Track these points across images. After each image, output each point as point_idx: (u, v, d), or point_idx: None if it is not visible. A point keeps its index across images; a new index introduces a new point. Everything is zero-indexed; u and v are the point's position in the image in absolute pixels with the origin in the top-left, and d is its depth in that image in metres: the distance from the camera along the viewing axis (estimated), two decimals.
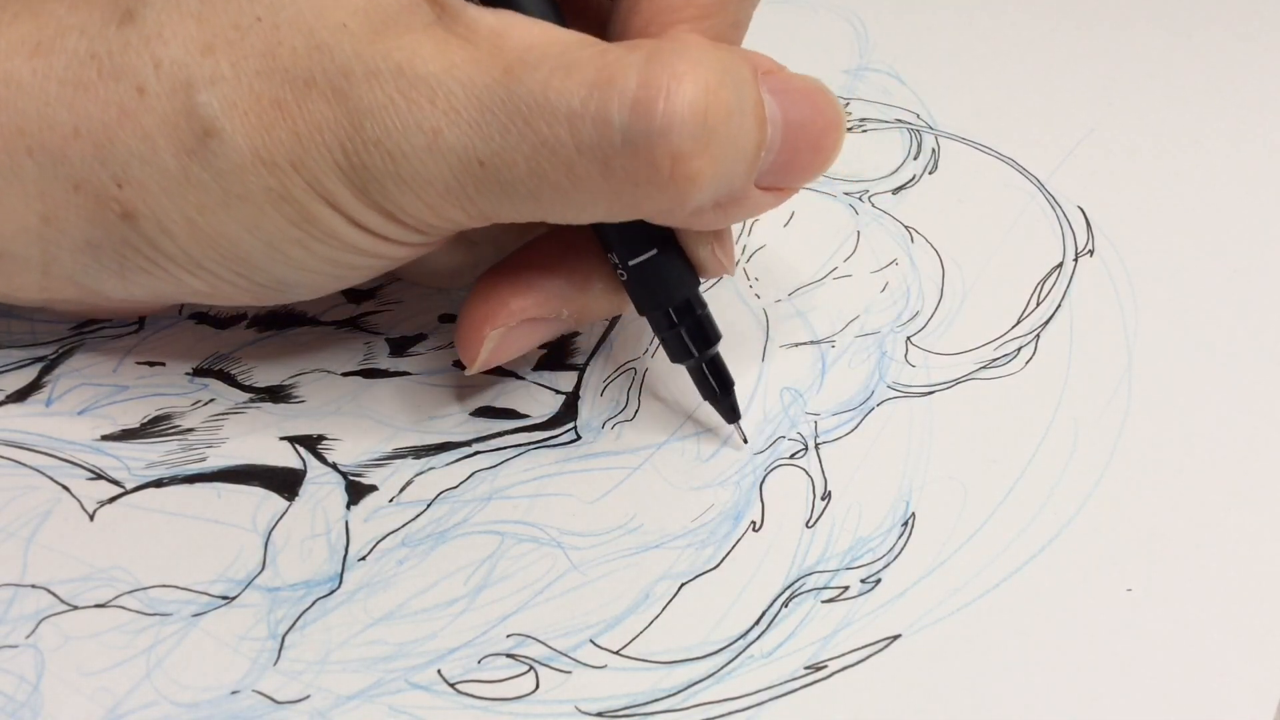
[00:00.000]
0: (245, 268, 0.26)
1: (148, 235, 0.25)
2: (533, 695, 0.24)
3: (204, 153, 0.24)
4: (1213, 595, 0.25)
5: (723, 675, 0.24)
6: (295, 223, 0.24)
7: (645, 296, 0.27)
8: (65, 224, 0.25)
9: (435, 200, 0.24)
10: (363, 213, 0.24)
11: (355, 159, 0.23)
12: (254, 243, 0.25)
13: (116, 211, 0.25)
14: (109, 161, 0.24)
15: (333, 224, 0.24)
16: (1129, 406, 0.29)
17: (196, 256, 0.25)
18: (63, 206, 0.25)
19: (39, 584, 0.25)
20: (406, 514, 0.27)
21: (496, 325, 0.27)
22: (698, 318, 0.27)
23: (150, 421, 0.29)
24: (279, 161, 0.24)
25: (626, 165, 0.23)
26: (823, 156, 0.25)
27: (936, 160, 0.37)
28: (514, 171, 0.23)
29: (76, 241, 0.26)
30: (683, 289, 0.27)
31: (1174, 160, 0.37)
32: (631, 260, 0.26)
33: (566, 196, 0.24)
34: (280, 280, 0.26)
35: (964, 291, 0.32)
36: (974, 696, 0.24)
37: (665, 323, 0.27)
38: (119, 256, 0.26)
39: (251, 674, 0.24)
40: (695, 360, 0.28)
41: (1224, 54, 0.41)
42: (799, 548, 0.26)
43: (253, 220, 0.24)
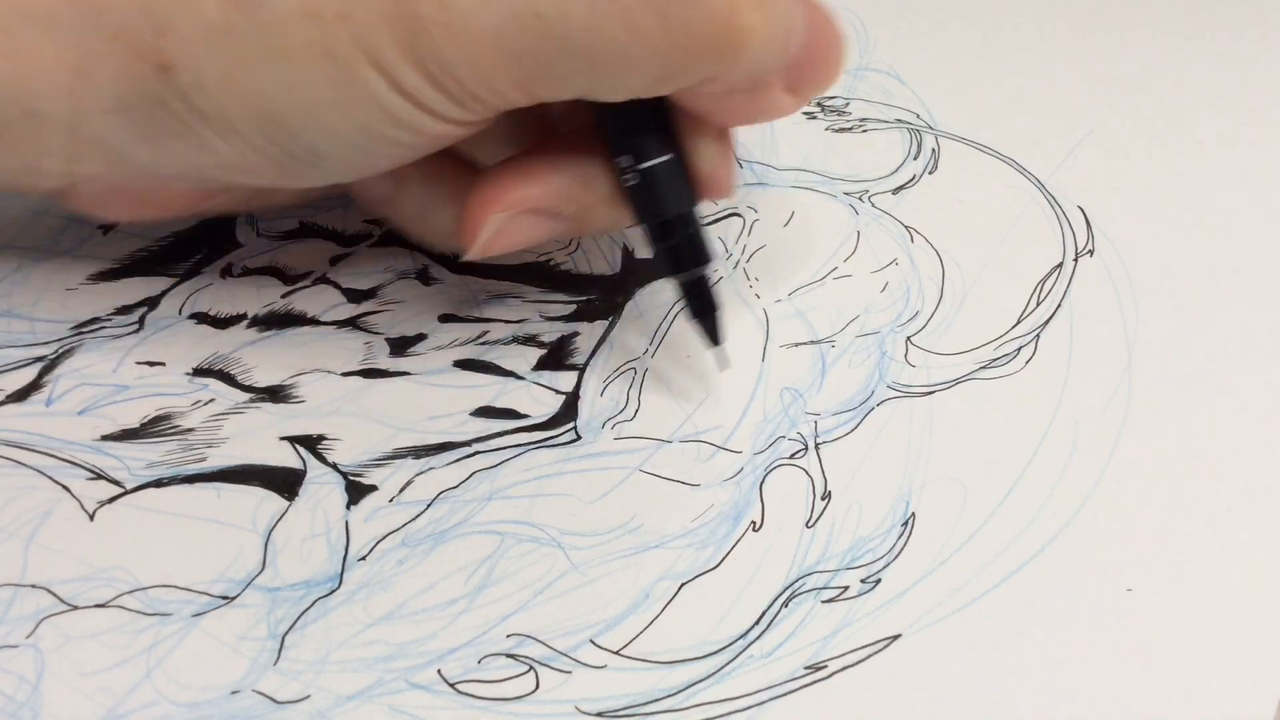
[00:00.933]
0: (278, 132, 0.25)
1: (183, 89, 0.25)
2: (533, 695, 0.24)
3: (249, 4, 0.24)
4: (1213, 595, 0.25)
5: (723, 675, 0.24)
6: (335, 83, 0.24)
7: (650, 203, 0.27)
8: (98, 77, 0.25)
9: (486, 59, 0.23)
10: (408, 74, 0.24)
11: (407, 9, 0.23)
12: (290, 102, 0.24)
13: (154, 62, 0.24)
14: (151, 10, 0.24)
15: (375, 87, 0.24)
16: (1129, 406, 0.29)
17: (230, 116, 0.25)
18: (97, 58, 0.25)
19: (39, 584, 0.25)
20: (406, 514, 0.27)
21: (500, 209, 0.27)
22: (692, 233, 0.28)
23: (150, 421, 0.29)
24: (324, 13, 0.23)
25: (684, 12, 0.23)
26: (832, 67, 0.26)
27: (936, 160, 0.37)
28: (570, 23, 0.23)
29: (107, 97, 0.25)
30: (681, 201, 0.27)
31: (1174, 160, 0.37)
32: (644, 163, 0.27)
33: (621, 52, 0.23)
34: (312, 149, 0.25)
35: (964, 291, 0.32)
36: (974, 696, 0.24)
37: (662, 234, 0.28)
38: (149, 116, 0.25)
39: (251, 674, 0.24)
40: (686, 275, 0.28)
41: (1224, 54, 0.41)
42: (799, 548, 0.26)
43: (291, 77, 0.24)
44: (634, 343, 0.31)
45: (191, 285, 0.32)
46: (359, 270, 0.33)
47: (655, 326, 0.31)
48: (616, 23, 0.23)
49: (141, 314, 0.32)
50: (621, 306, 0.32)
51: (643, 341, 0.31)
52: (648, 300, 0.32)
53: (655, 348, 0.31)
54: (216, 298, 0.32)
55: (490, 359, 0.31)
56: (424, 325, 0.31)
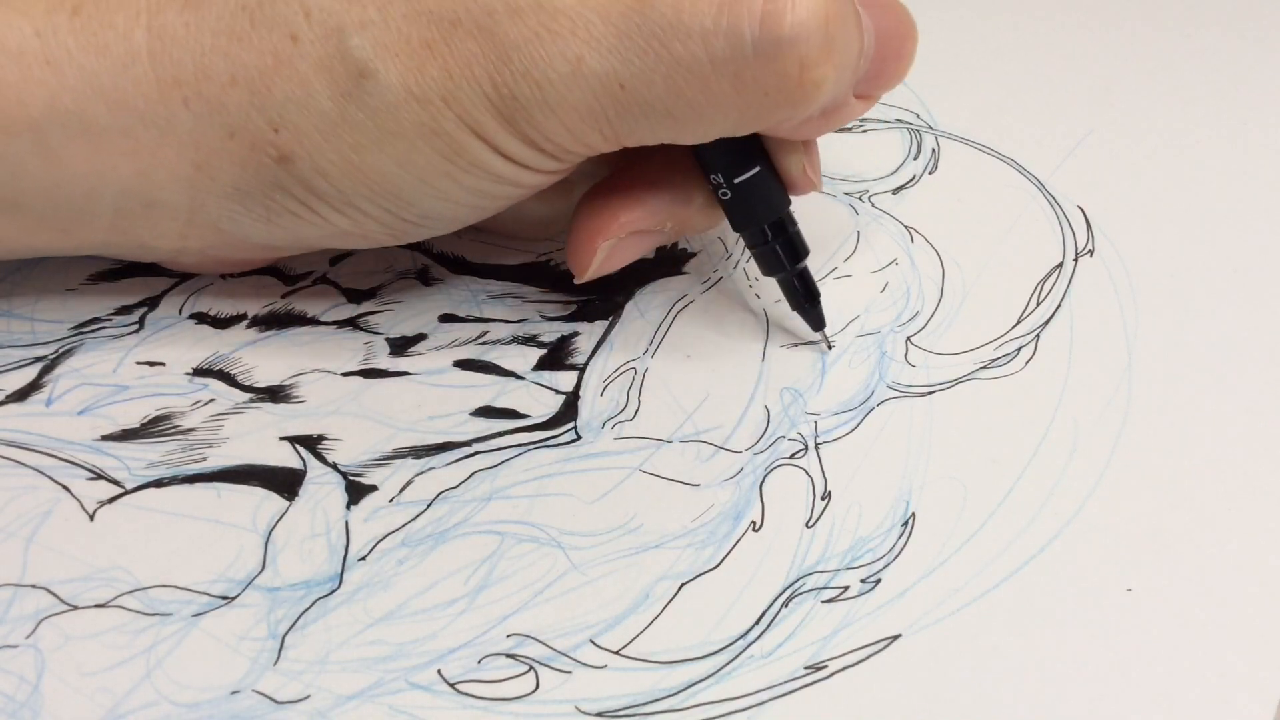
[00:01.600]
0: (394, 202, 0.27)
1: (302, 176, 0.26)
2: (533, 695, 0.24)
3: (359, 93, 0.25)
4: (1213, 595, 0.25)
5: (723, 675, 0.24)
6: (445, 155, 0.26)
7: (745, 213, 0.29)
8: (217, 171, 0.27)
9: (577, 124, 0.25)
10: (508, 142, 0.26)
11: (504, 90, 0.25)
12: (405, 176, 0.26)
13: (273, 156, 0.26)
14: (266, 108, 0.26)
15: (480, 154, 0.26)
16: (1129, 406, 0.29)
17: (349, 194, 0.27)
18: (216, 154, 0.26)
19: (39, 584, 0.25)
20: (406, 514, 0.27)
21: (608, 237, 0.29)
22: (790, 234, 0.30)
23: (150, 421, 0.29)
24: (431, 98, 0.25)
25: (757, 76, 0.25)
26: (904, 63, 0.28)
27: (936, 160, 0.37)
28: (652, 91, 0.25)
29: (225, 188, 0.27)
30: (777, 206, 0.29)
31: (1174, 160, 0.37)
32: (736, 179, 0.28)
33: (700, 111, 0.25)
34: (424, 213, 0.28)
35: (964, 291, 0.32)
36: (974, 696, 0.24)
37: (760, 238, 0.29)
38: (267, 200, 0.27)
39: (251, 674, 0.24)
40: (787, 274, 0.30)
41: (1224, 54, 0.41)
42: (799, 548, 0.26)
43: (405, 155, 0.26)
44: (634, 343, 0.31)
45: (191, 285, 0.32)
46: (359, 270, 0.33)
47: (655, 326, 0.31)
48: (695, 89, 0.25)
49: (141, 314, 0.32)
50: (621, 306, 0.32)
51: (643, 341, 0.31)
52: (648, 300, 0.32)
53: (655, 348, 0.31)
54: (216, 298, 0.32)
55: (490, 359, 0.31)
56: (424, 325, 0.31)
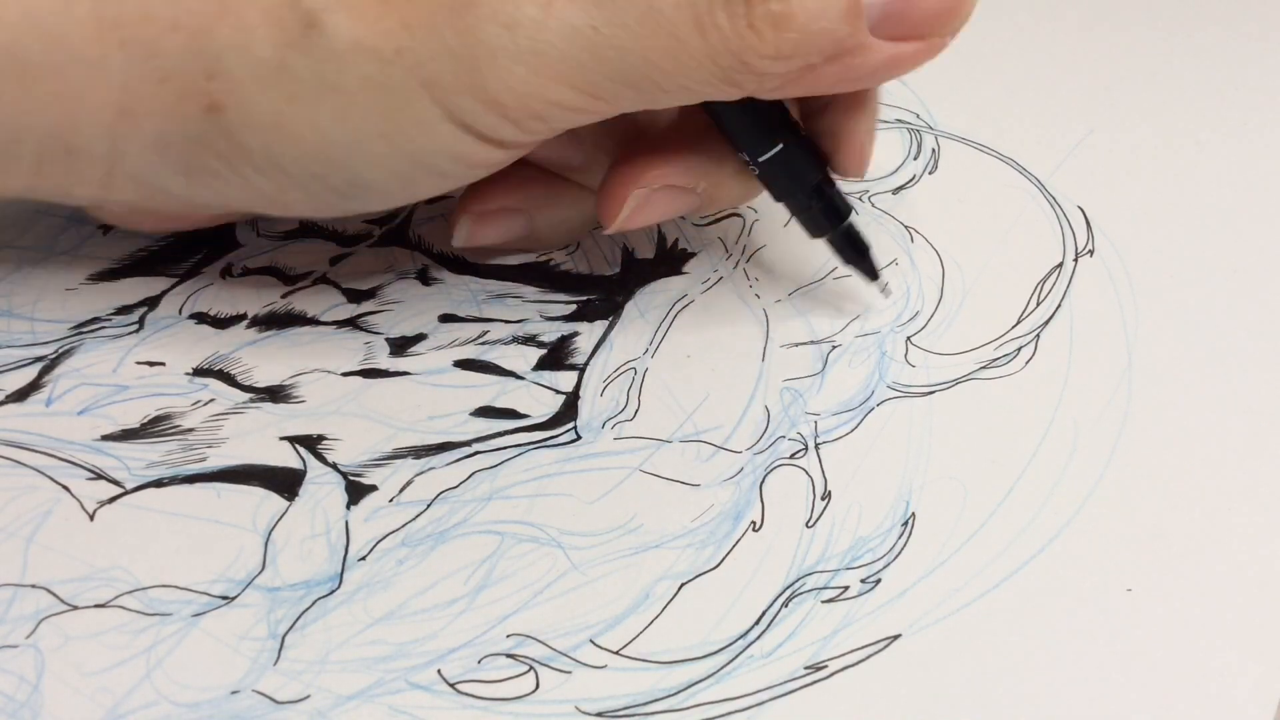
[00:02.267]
0: (323, 165, 0.26)
1: (229, 129, 0.25)
2: (533, 695, 0.24)
3: (304, 43, 0.24)
4: (1213, 595, 0.25)
5: (723, 675, 0.24)
6: (386, 113, 0.25)
7: (779, 186, 0.29)
8: (142, 118, 0.26)
9: (548, 77, 0.24)
10: (463, 102, 0.25)
11: (469, 36, 0.24)
12: (339, 135, 0.25)
13: (202, 105, 0.25)
14: (203, 53, 0.25)
15: (426, 115, 0.25)
16: (1129, 406, 0.29)
17: (275, 152, 0.26)
18: (143, 99, 0.25)
19: (39, 584, 0.25)
20: (406, 514, 0.27)
21: (640, 185, 0.28)
22: (828, 197, 0.29)
23: (150, 421, 0.29)
24: (384, 49, 0.24)
25: (717, 19, 0.24)
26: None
27: (936, 160, 0.37)
28: (627, 35, 0.24)
29: (148, 138, 0.26)
30: (811, 175, 0.29)
31: (1174, 160, 0.37)
32: (760, 157, 0.28)
33: (674, 63, 0.24)
34: (354, 182, 0.26)
35: (964, 291, 0.32)
36: (974, 696, 0.24)
37: (801, 205, 0.30)
38: (189, 155, 0.26)
39: (251, 674, 0.24)
40: (833, 233, 0.30)
41: (1224, 54, 0.41)
42: (799, 548, 0.26)
43: (343, 110, 0.25)
44: (634, 343, 0.31)
45: (191, 285, 0.32)
46: (359, 270, 0.33)
47: (655, 326, 0.31)
48: (663, 35, 0.24)
49: (141, 314, 0.32)
50: (621, 306, 0.32)
51: (643, 341, 0.31)
52: (648, 300, 0.32)
53: (655, 348, 0.31)
54: (216, 298, 0.32)
55: (490, 359, 0.31)
56: (424, 325, 0.31)
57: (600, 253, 0.34)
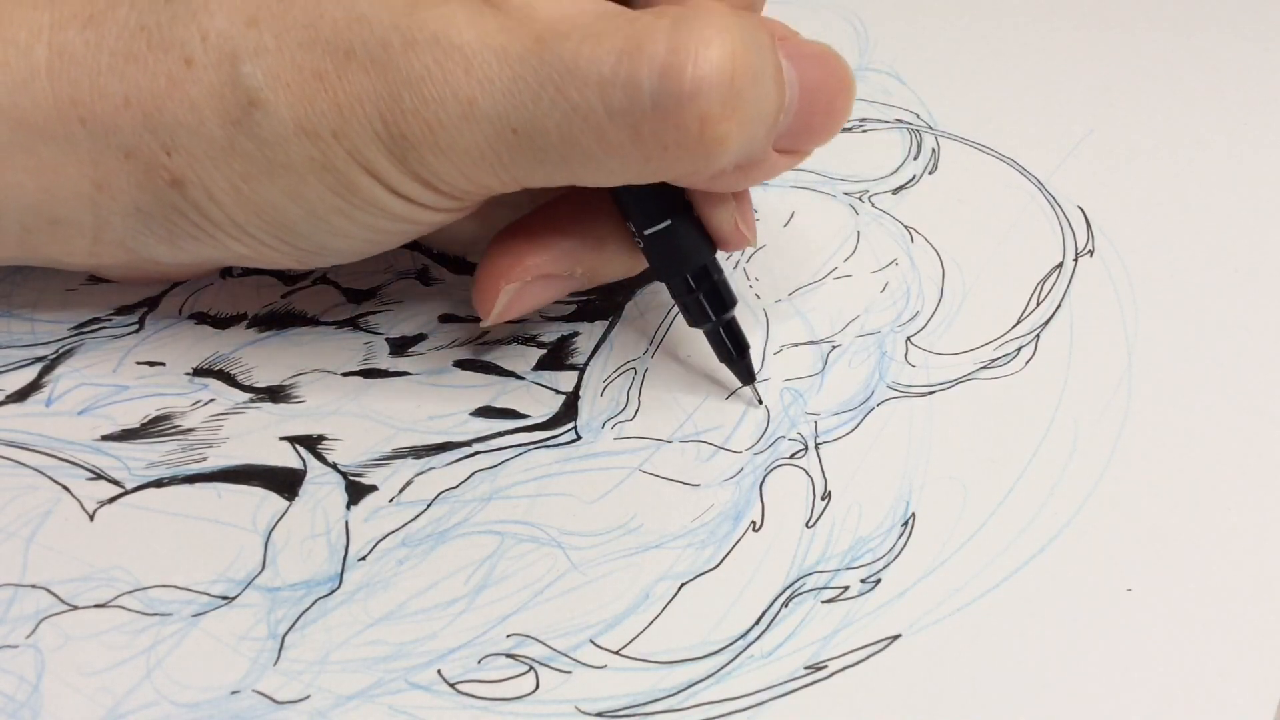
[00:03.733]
0: (288, 234, 0.26)
1: (195, 202, 0.26)
2: (533, 695, 0.24)
3: (248, 123, 0.25)
4: (1213, 595, 0.25)
5: (723, 675, 0.24)
6: (336, 191, 0.25)
7: (662, 264, 0.28)
8: (116, 190, 0.26)
9: (470, 168, 0.25)
10: (401, 181, 0.25)
11: (394, 129, 0.24)
12: (296, 210, 0.26)
13: (165, 179, 0.26)
14: (158, 130, 0.25)
15: (372, 192, 0.25)
16: (1129, 406, 0.29)
17: (241, 223, 0.26)
18: (114, 173, 0.26)
19: (39, 584, 0.25)
20: (406, 514, 0.27)
21: (511, 281, 0.28)
22: (714, 284, 0.28)
23: (150, 421, 0.29)
24: (321, 132, 0.24)
25: (656, 129, 0.23)
26: (835, 119, 0.26)
27: (936, 160, 0.37)
28: (546, 138, 0.24)
29: (126, 207, 0.27)
30: (698, 257, 0.28)
31: (1174, 160, 0.37)
32: (647, 230, 0.27)
33: (596, 161, 0.24)
34: (321, 245, 0.27)
35: (964, 291, 0.32)
36: (974, 696, 0.24)
37: (683, 288, 0.28)
38: (168, 223, 0.27)
39: (251, 674, 0.24)
40: (712, 324, 0.29)
41: (1224, 54, 0.41)
42: (799, 548, 0.26)
43: (295, 189, 0.25)
44: (634, 343, 0.31)
45: (191, 285, 0.32)
46: (359, 270, 0.33)
47: (655, 326, 0.31)
48: (590, 138, 0.24)
49: (141, 314, 0.32)
50: (621, 306, 0.32)
51: (643, 341, 0.31)
52: (648, 300, 0.32)
53: (655, 348, 0.31)
54: (216, 298, 0.32)
55: (490, 359, 0.31)
56: (424, 325, 0.31)
57: None
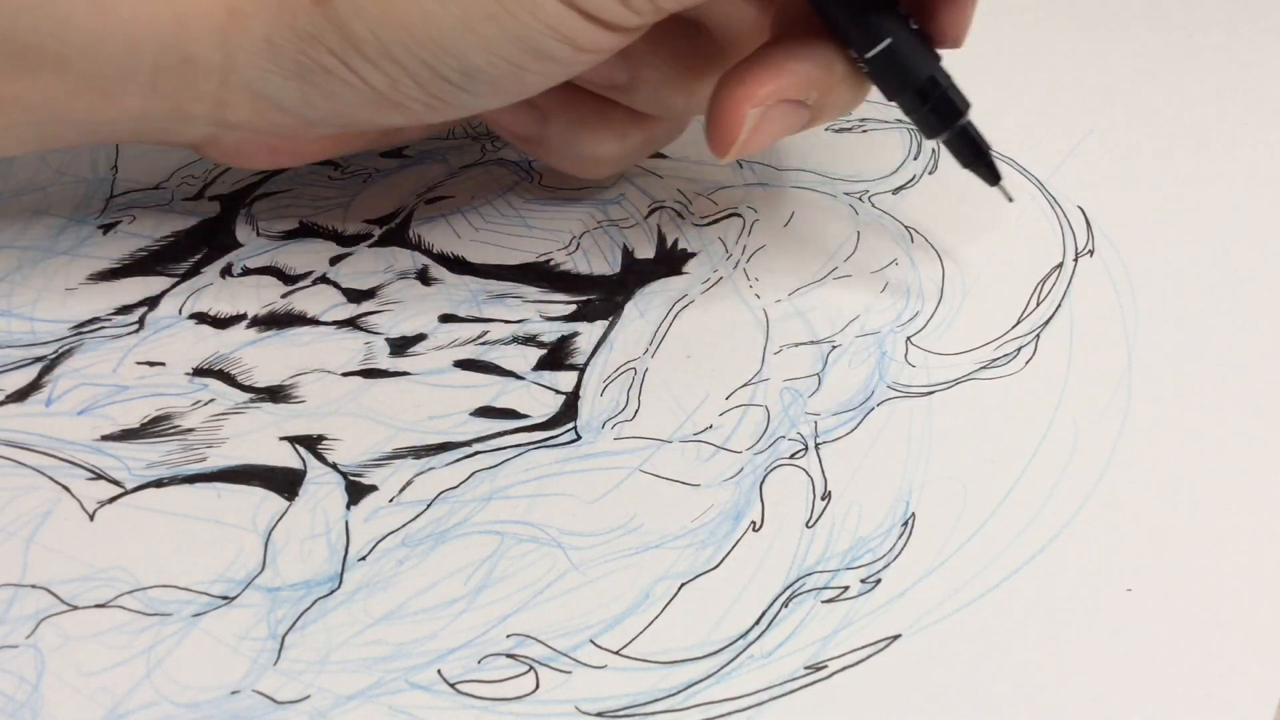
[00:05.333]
0: (434, 51, 0.26)
1: (340, 19, 0.26)
2: (533, 695, 0.24)
3: None
4: (1213, 595, 0.25)
5: (723, 675, 0.24)
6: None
7: (889, 83, 0.29)
8: (252, 18, 0.26)
9: None
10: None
11: None
12: (447, 18, 0.25)
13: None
14: None
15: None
16: (1129, 406, 0.29)
17: (386, 40, 0.26)
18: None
19: (39, 584, 0.25)
20: (406, 514, 0.27)
21: (755, 104, 0.28)
22: (942, 92, 0.29)
23: (150, 421, 0.29)
24: None
25: None
26: None
27: (936, 160, 0.37)
28: None
29: (257, 41, 0.26)
30: (923, 70, 0.28)
31: (1174, 160, 0.37)
32: (868, 53, 0.28)
33: None
34: (465, 70, 0.26)
35: (964, 291, 0.32)
36: (974, 696, 0.24)
37: (914, 103, 0.29)
38: (301, 54, 0.26)
39: (251, 674, 0.24)
40: (949, 133, 0.29)
41: (1224, 54, 0.41)
42: (799, 548, 0.26)
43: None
44: (634, 343, 0.31)
45: (191, 285, 0.32)
46: (359, 270, 0.33)
47: (655, 326, 0.31)
48: None
49: (141, 314, 0.32)
50: (621, 306, 0.32)
51: (643, 341, 0.31)
52: (648, 300, 0.32)
53: (655, 348, 0.31)
54: (216, 298, 0.32)
55: (490, 359, 0.31)
56: (424, 325, 0.31)
57: (600, 253, 0.34)
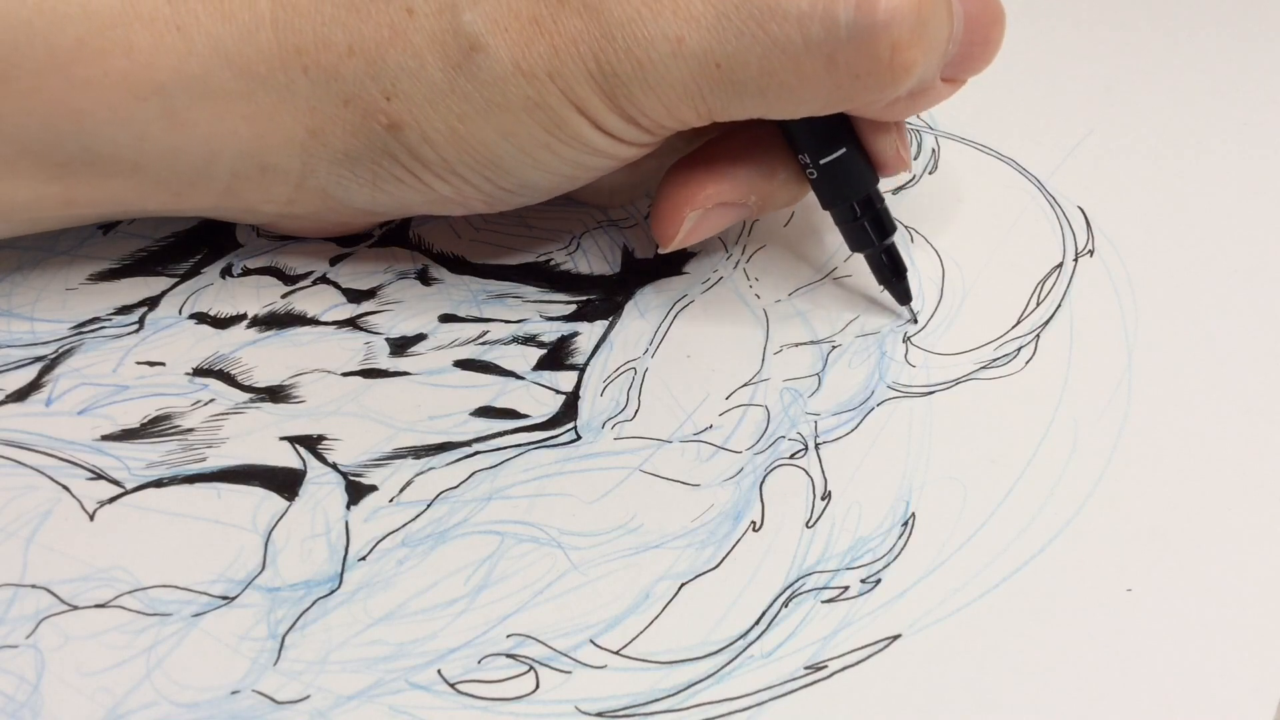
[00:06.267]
0: (495, 171, 0.28)
1: (410, 144, 0.28)
2: (533, 695, 0.24)
3: (469, 66, 0.26)
4: (1213, 595, 0.25)
5: (723, 675, 0.24)
6: (547, 128, 0.27)
7: (832, 191, 0.30)
8: (330, 137, 0.28)
9: (674, 102, 0.27)
10: (608, 117, 0.27)
11: (606, 68, 0.26)
12: (507, 147, 0.28)
13: (383, 124, 0.27)
14: (380, 77, 0.27)
15: (579, 128, 0.27)
16: (1129, 406, 0.29)
17: (452, 162, 0.28)
18: (330, 120, 0.28)
19: (39, 584, 0.25)
20: (406, 514, 0.27)
21: (695, 207, 0.30)
22: (877, 211, 0.30)
23: (150, 421, 0.29)
24: (537, 73, 0.26)
25: (850, 59, 0.26)
26: (991, 48, 0.28)
27: (936, 160, 0.37)
28: (746, 71, 0.26)
29: (336, 154, 0.28)
30: (864, 184, 0.30)
31: (1174, 160, 0.37)
32: (822, 160, 0.29)
33: (791, 91, 0.26)
34: (523, 182, 0.29)
35: (964, 291, 0.32)
36: (974, 696, 0.24)
37: (849, 215, 0.30)
38: (375, 166, 0.29)
39: (251, 674, 0.24)
40: (875, 249, 0.31)
41: (1224, 54, 0.41)
42: (799, 548, 0.26)
43: (510, 127, 0.27)
44: (634, 343, 0.31)
45: (191, 285, 0.32)
46: (359, 270, 0.33)
47: (655, 326, 0.31)
48: (788, 69, 0.26)
49: (141, 314, 0.32)
50: (621, 306, 0.32)
51: (643, 341, 0.31)
52: (648, 300, 0.32)
53: (655, 348, 0.31)
54: (216, 298, 0.32)
55: (490, 359, 0.31)
56: (424, 325, 0.31)
57: (600, 253, 0.34)
